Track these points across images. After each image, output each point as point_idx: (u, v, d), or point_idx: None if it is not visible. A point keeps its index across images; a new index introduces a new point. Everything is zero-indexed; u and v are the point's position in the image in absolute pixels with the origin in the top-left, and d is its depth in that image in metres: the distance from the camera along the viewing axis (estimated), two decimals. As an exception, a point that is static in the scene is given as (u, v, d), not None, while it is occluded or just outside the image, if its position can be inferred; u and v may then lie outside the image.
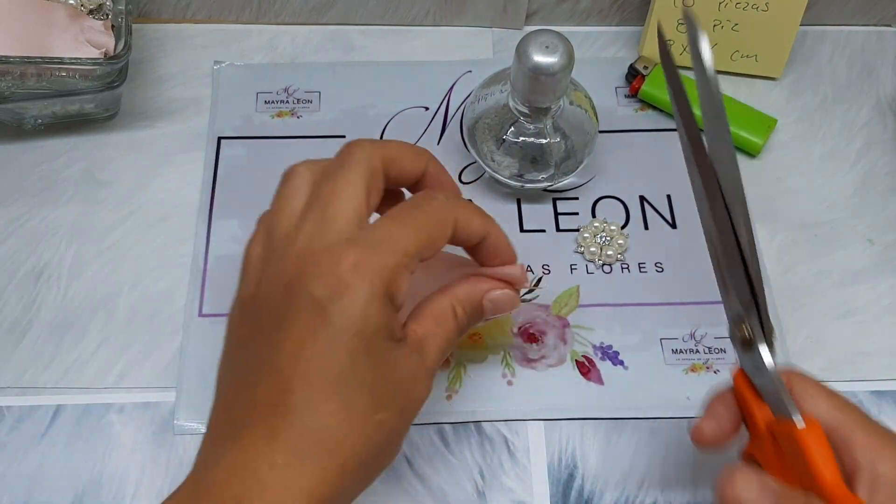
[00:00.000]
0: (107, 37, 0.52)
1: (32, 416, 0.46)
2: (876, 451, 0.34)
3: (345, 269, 0.32)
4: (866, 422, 0.35)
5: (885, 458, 0.34)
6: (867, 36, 0.61)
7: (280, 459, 0.30)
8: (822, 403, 0.35)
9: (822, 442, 0.33)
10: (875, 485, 0.33)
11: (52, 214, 0.52)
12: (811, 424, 0.34)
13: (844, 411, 0.35)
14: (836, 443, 0.34)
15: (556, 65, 0.46)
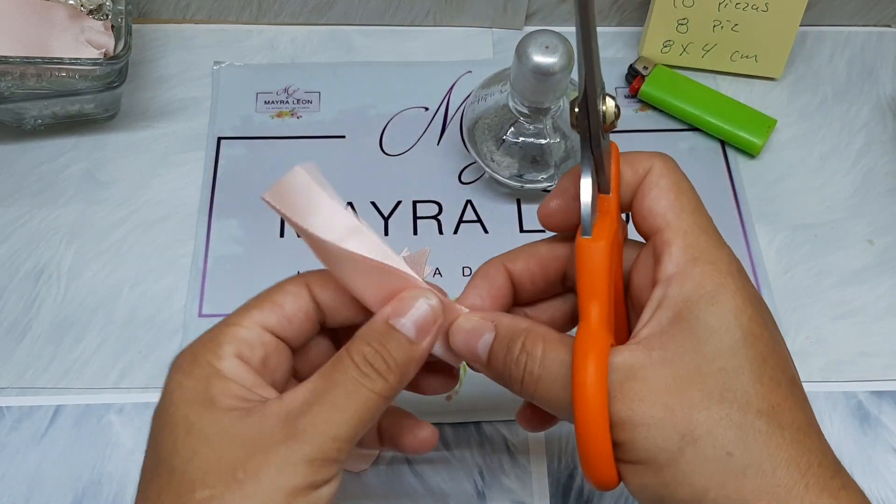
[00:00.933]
0: (107, 37, 0.52)
1: (32, 416, 0.46)
2: (680, 265, 0.29)
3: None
4: (696, 232, 0.30)
5: (683, 274, 0.29)
6: (867, 36, 0.61)
7: None
8: (666, 199, 0.31)
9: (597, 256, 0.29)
10: (658, 304, 0.29)
11: (52, 215, 0.52)
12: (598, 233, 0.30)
13: (681, 215, 0.31)
14: (656, 249, 0.30)
15: (556, 65, 0.46)
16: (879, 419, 0.47)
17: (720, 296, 0.29)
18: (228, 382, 0.29)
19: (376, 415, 0.30)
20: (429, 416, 0.46)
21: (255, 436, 0.28)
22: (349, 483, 0.44)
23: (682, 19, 0.56)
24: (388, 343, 0.30)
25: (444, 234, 0.52)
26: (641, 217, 0.32)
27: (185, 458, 0.28)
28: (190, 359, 0.30)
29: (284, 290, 0.32)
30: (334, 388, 0.29)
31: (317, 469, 0.28)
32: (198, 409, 0.29)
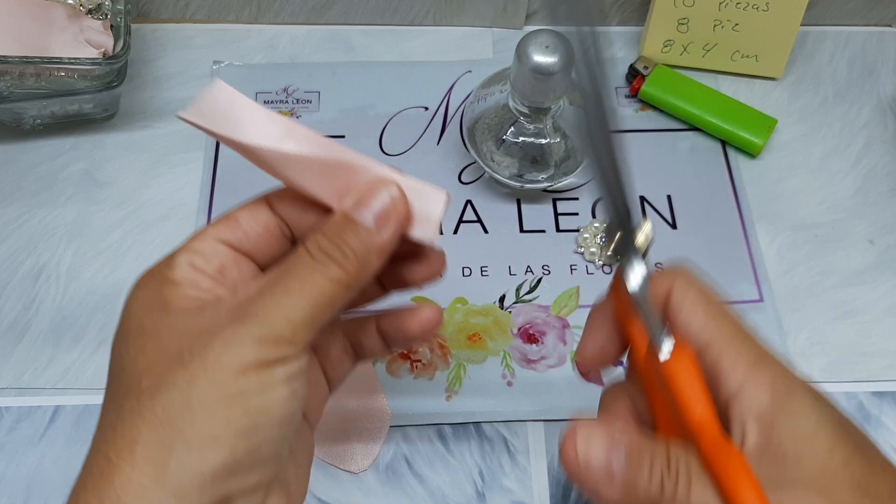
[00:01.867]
0: (106, 37, 0.52)
1: (31, 416, 0.45)
2: (745, 374, 0.28)
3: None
4: (739, 336, 0.29)
5: (754, 383, 0.28)
6: (868, 36, 0.61)
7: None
8: (697, 316, 0.30)
9: (688, 374, 0.28)
10: (746, 417, 0.28)
11: (51, 214, 0.52)
12: (678, 353, 0.29)
13: (718, 325, 0.30)
14: (708, 365, 0.29)
15: (556, 65, 0.46)
16: (880, 420, 0.47)
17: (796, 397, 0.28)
18: (181, 286, 0.29)
19: (335, 303, 0.29)
20: (429, 416, 0.46)
21: (206, 325, 0.28)
22: (349, 483, 0.44)
23: (682, 19, 0.56)
24: (344, 233, 0.29)
25: (443, 234, 0.52)
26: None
27: (134, 355, 0.28)
28: (146, 275, 0.30)
29: (243, 206, 0.32)
30: (287, 275, 0.29)
31: (267, 347, 0.27)
32: (150, 313, 0.29)
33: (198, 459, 0.26)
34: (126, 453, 0.26)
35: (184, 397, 0.27)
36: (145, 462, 0.26)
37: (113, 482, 0.26)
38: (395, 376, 0.47)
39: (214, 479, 0.27)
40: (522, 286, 0.50)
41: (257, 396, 0.27)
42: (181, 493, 0.26)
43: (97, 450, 0.27)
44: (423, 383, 0.47)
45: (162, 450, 0.26)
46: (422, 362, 0.48)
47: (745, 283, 0.51)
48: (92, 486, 0.26)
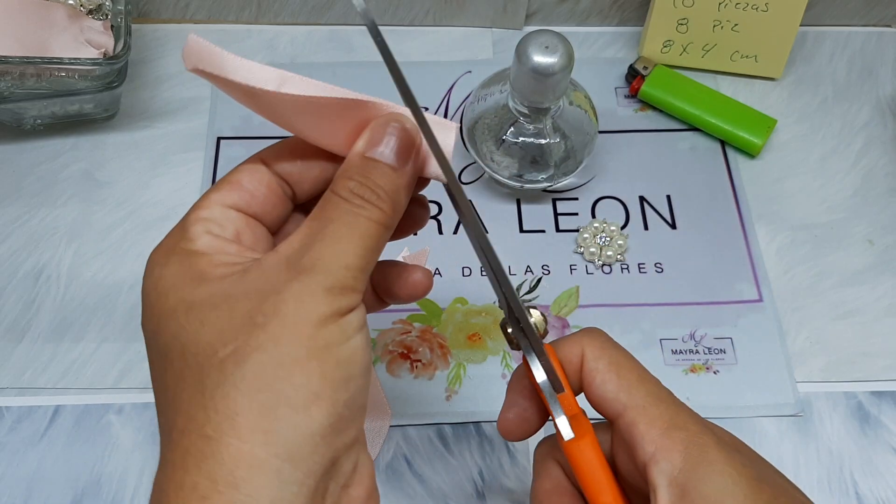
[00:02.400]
0: (106, 37, 0.52)
1: (31, 416, 0.45)
2: (658, 439, 0.29)
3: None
4: (653, 401, 0.30)
5: (666, 448, 0.29)
6: (867, 36, 0.61)
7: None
8: (611, 382, 0.31)
9: (588, 455, 0.30)
10: (659, 483, 0.29)
11: (51, 214, 0.52)
12: (579, 434, 0.31)
13: (632, 390, 0.31)
14: (624, 430, 0.30)
15: (555, 65, 0.46)
16: (879, 419, 0.47)
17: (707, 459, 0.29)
18: (211, 256, 0.28)
19: (380, 244, 0.29)
20: (429, 416, 0.46)
21: (262, 286, 0.27)
22: (349, 483, 0.44)
23: (682, 19, 0.56)
24: (372, 173, 0.29)
25: (443, 234, 0.52)
26: (597, 405, 0.32)
27: (195, 329, 0.26)
28: (163, 253, 0.29)
29: (239, 168, 0.31)
30: (331, 222, 0.28)
31: (337, 297, 0.27)
32: (190, 287, 0.27)
33: (305, 419, 0.25)
34: (228, 427, 0.25)
35: (274, 359, 0.25)
36: (252, 432, 0.25)
37: (221, 458, 0.25)
38: (395, 376, 0.47)
39: (324, 437, 0.26)
40: (522, 286, 0.50)
41: (343, 346, 0.27)
42: (296, 457, 0.25)
43: (187, 432, 0.26)
44: (423, 383, 0.47)
45: (266, 416, 0.25)
46: (422, 362, 0.48)
47: (745, 283, 0.51)
48: (195, 467, 0.25)
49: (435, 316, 0.49)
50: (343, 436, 0.26)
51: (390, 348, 0.48)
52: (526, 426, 0.34)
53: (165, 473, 0.26)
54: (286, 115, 0.30)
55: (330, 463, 0.26)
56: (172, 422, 0.26)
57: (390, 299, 0.35)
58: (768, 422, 0.46)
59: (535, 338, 0.32)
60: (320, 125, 0.30)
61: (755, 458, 0.31)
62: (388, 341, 0.48)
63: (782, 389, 0.47)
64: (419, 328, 0.49)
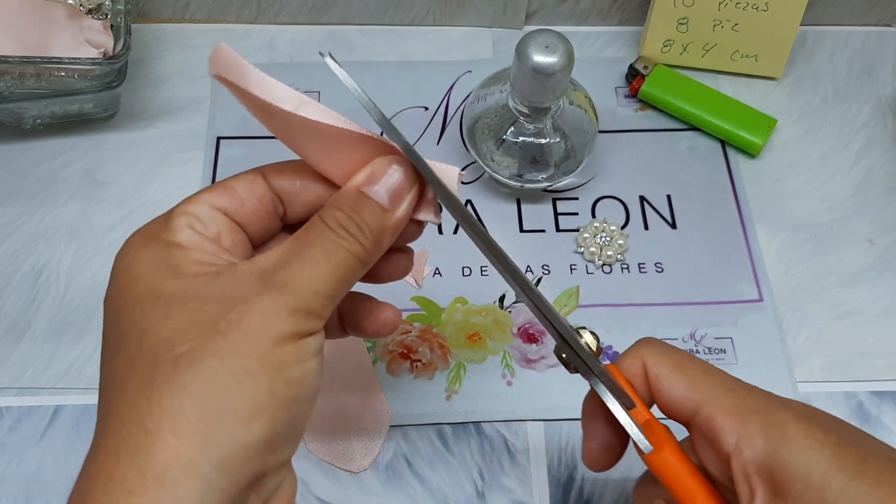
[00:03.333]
0: (106, 36, 0.52)
1: (31, 416, 0.45)
2: (737, 429, 0.29)
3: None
4: (722, 391, 0.30)
5: (746, 436, 0.29)
6: (867, 36, 0.61)
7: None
8: (678, 384, 0.31)
9: (671, 463, 0.30)
10: (748, 473, 0.29)
11: (51, 214, 0.52)
12: (658, 446, 0.31)
13: (700, 387, 0.31)
14: (702, 430, 0.30)
15: (555, 65, 0.46)
16: (880, 419, 0.47)
17: (787, 432, 0.29)
18: (189, 251, 0.28)
19: (354, 278, 0.29)
20: (429, 416, 0.46)
21: (231, 293, 0.27)
22: (349, 483, 0.44)
23: (682, 19, 0.56)
24: (361, 209, 0.29)
25: (443, 234, 0.52)
26: (669, 410, 0.32)
27: (158, 320, 0.27)
28: (142, 237, 0.29)
29: (238, 176, 0.31)
30: (311, 246, 0.28)
31: (301, 319, 0.27)
32: (162, 277, 0.27)
33: (244, 431, 0.26)
34: (168, 424, 0.25)
35: (227, 367, 0.26)
36: (191, 434, 0.25)
37: (155, 454, 0.25)
38: (395, 376, 0.47)
39: (257, 452, 0.26)
40: (522, 286, 0.50)
41: (296, 367, 0.27)
42: (225, 466, 0.25)
43: (126, 420, 0.26)
44: (423, 383, 0.47)
45: (208, 421, 0.25)
46: (422, 362, 0.48)
47: (745, 282, 0.51)
48: (128, 458, 0.25)
49: (435, 316, 0.49)
50: (276, 454, 0.27)
51: (390, 348, 0.48)
52: (610, 452, 0.34)
53: (96, 459, 0.26)
54: (296, 137, 0.30)
55: (256, 477, 0.26)
56: (114, 406, 0.26)
57: (355, 332, 0.35)
58: (768, 422, 0.46)
59: (592, 359, 0.32)
60: (327, 153, 0.30)
61: (835, 423, 0.30)
62: (387, 341, 0.48)
63: (782, 389, 0.47)
64: (419, 328, 0.49)
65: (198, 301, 0.27)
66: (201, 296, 0.27)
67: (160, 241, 0.29)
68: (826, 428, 0.29)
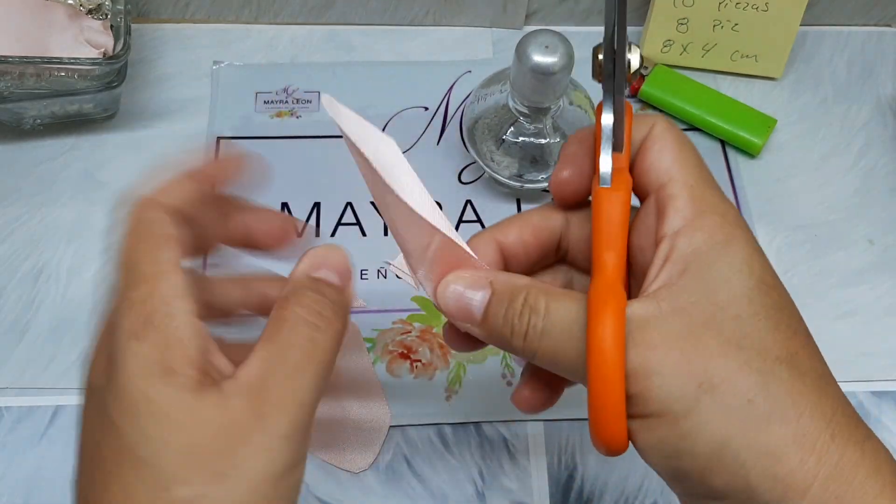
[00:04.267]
0: (106, 37, 0.52)
1: (31, 416, 0.45)
2: (687, 218, 0.28)
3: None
4: (700, 183, 0.29)
5: (692, 228, 0.28)
6: (867, 36, 0.61)
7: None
8: (666, 155, 0.29)
9: (615, 205, 0.28)
10: (666, 258, 0.28)
11: (51, 214, 0.52)
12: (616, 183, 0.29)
13: (683, 167, 0.29)
14: (659, 203, 0.29)
15: (555, 65, 0.46)
16: (880, 420, 0.47)
17: (732, 246, 0.28)
18: (185, 347, 0.26)
19: (332, 367, 0.28)
20: (428, 416, 0.46)
21: (225, 421, 0.26)
22: (349, 483, 0.44)
23: (682, 19, 0.56)
24: (325, 290, 0.29)
25: (443, 234, 0.52)
26: (643, 172, 0.30)
27: (156, 448, 0.25)
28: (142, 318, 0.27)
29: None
30: (289, 349, 0.27)
31: (296, 445, 0.27)
32: (157, 384, 0.25)
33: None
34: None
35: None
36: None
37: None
38: (394, 376, 0.47)
39: None
40: (522, 286, 0.50)
41: (289, 498, 0.27)
42: None
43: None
44: (423, 383, 0.47)
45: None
46: (422, 362, 0.48)
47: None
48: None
49: (435, 316, 0.49)
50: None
51: (390, 348, 0.48)
52: (579, 182, 0.32)
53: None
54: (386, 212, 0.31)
55: None
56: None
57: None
58: (768, 422, 0.46)
59: (624, 74, 0.30)
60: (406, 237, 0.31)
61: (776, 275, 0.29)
62: (387, 341, 0.48)
63: (782, 389, 0.47)
64: (419, 328, 0.49)
65: (194, 427, 0.25)
66: (197, 419, 0.25)
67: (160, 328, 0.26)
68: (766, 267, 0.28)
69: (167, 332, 0.26)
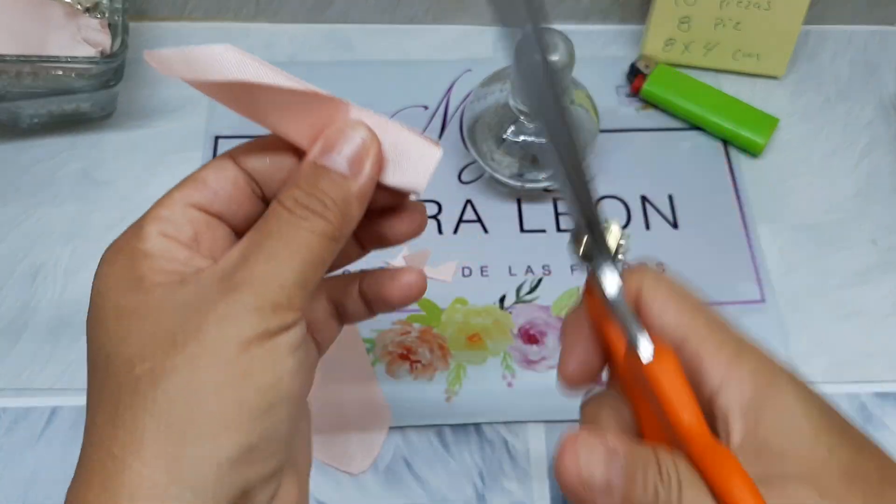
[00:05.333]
0: (103, 35, 0.51)
1: (28, 417, 0.45)
2: (726, 367, 0.28)
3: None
4: (716, 328, 0.29)
5: (735, 376, 0.27)
6: (870, 35, 0.61)
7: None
8: (670, 311, 0.29)
9: (671, 375, 0.28)
10: (729, 412, 0.27)
11: (48, 214, 0.51)
12: (659, 355, 0.28)
13: (693, 318, 0.29)
14: (688, 361, 0.28)
15: (556, 63, 0.45)
16: (883, 420, 0.46)
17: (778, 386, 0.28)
18: (156, 259, 0.27)
19: (326, 257, 0.28)
20: (428, 417, 0.46)
21: (191, 300, 0.26)
22: (348, 484, 0.44)
23: (683, 17, 0.56)
24: (320, 182, 0.28)
25: (443, 234, 0.52)
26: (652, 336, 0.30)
27: (119, 339, 0.26)
28: (113, 250, 0.28)
29: (208, 165, 0.30)
30: (269, 238, 0.27)
31: (266, 316, 0.26)
32: (125, 291, 0.26)
33: (212, 448, 0.25)
34: (133, 448, 0.24)
35: (187, 382, 0.25)
36: (156, 456, 0.24)
37: (122, 481, 0.24)
38: (394, 377, 0.47)
39: (232, 467, 0.25)
40: (523, 286, 0.50)
41: (266, 372, 0.26)
42: (198, 486, 0.24)
43: (97, 445, 0.25)
44: (423, 384, 0.47)
45: (172, 441, 0.24)
46: (422, 363, 0.47)
47: (747, 283, 0.50)
48: (99, 486, 0.25)
49: (435, 316, 0.49)
50: (257, 467, 0.26)
51: (390, 349, 0.48)
52: (588, 371, 0.31)
53: (74, 489, 0.26)
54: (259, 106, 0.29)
55: (239, 493, 0.25)
56: (88, 433, 0.26)
57: (383, 307, 0.33)
58: (771, 423, 0.46)
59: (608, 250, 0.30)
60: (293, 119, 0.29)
61: (818, 395, 0.29)
62: (387, 342, 0.48)
63: (785, 391, 0.47)
64: (419, 329, 0.48)
65: (158, 314, 0.26)
66: (162, 308, 0.26)
67: (128, 251, 0.27)
68: (813, 392, 0.28)
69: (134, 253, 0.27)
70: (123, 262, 0.27)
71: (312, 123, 0.29)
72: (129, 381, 0.25)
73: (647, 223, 0.52)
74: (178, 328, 0.25)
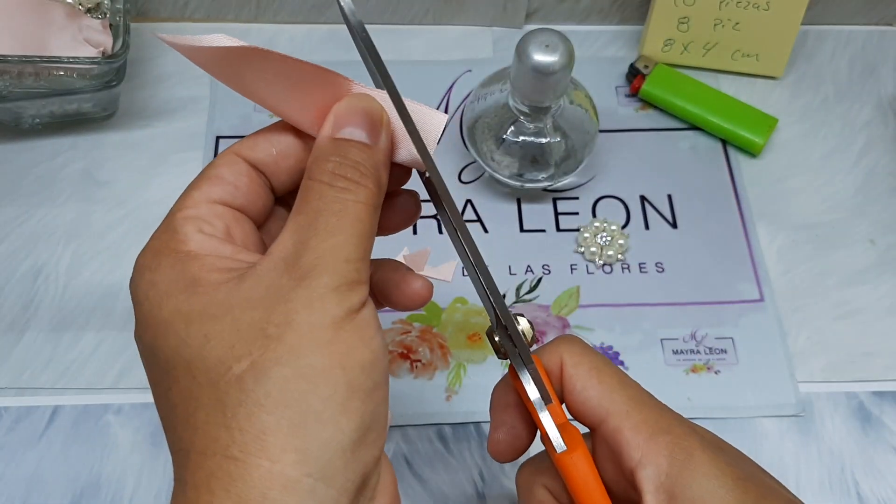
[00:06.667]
0: (105, 36, 0.51)
1: (30, 416, 0.45)
2: (643, 445, 0.29)
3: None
4: (636, 405, 0.30)
5: (652, 453, 0.29)
6: (868, 35, 0.61)
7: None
8: (593, 389, 0.31)
9: (581, 466, 0.30)
10: (648, 489, 0.29)
11: (49, 214, 0.51)
12: (571, 445, 0.30)
13: (614, 396, 0.30)
14: (607, 440, 0.30)
15: (556, 64, 0.45)
16: (881, 419, 0.47)
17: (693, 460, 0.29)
18: (205, 259, 0.26)
19: (373, 227, 0.27)
20: (428, 416, 0.46)
21: (263, 294, 0.25)
22: (348, 484, 0.44)
23: (682, 18, 0.56)
24: (349, 153, 0.27)
25: (443, 234, 0.52)
26: (578, 413, 0.32)
27: (199, 344, 0.25)
28: (151, 256, 0.27)
29: (216, 163, 0.29)
30: (320, 215, 0.26)
31: (346, 294, 0.25)
32: (183, 295, 0.26)
33: (336, 433, 0.24)
34: (256, 447, 0.24)
35: (296, 371, 0.24)
36: (282, 451, 0.24)
37: (251, 480, 0.23)
38: (394, 376, 0.47)
39: (354, 452, 0.25)
40: (522, 286, 0.50)
41: (364, 349, 0.25)
42: (328, 475, 0.24)
43: (210, 453, 0.24)
44: (423, 383, 0.47)
45: (296, 433, 0.24)
46: (421, 362, 0.47)
47: (746, 282, 0.50)
48: (222, 490, 0.24)
49: (435, 316, 0.49)
50: (372, 448, 0.26)
51: (390, 348, 0.48)
52: (518, 444, 0.33)
53: (187, 497, 0.24)
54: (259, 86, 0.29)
55: (361, 479, 0.25)
56: (189, 442, 0.25)
57: (386, 304, 0.34)
58: (769, 422, 0.46)
59: (524, 346, 0.31)
60: (294, 97, 0.29)
61: (740, 457, 0.31)
62: (387, 341, 0.48)
63: (783, 389, 0.47)
64: (419, 328, 0.48)
65: (231, 312, 0.25)
66: (233, 305, 0.25)
67: (171, 254, 0.27)
68: (730, 460, 0.29)
69: (179, 255, 0.27)
70: (169, 265, 0.27)
71: (316, 100, 0.29)
72: (230, 381, 0.24)
73: (647, 223, 0.53)
74: (265, 322, 0.25)
